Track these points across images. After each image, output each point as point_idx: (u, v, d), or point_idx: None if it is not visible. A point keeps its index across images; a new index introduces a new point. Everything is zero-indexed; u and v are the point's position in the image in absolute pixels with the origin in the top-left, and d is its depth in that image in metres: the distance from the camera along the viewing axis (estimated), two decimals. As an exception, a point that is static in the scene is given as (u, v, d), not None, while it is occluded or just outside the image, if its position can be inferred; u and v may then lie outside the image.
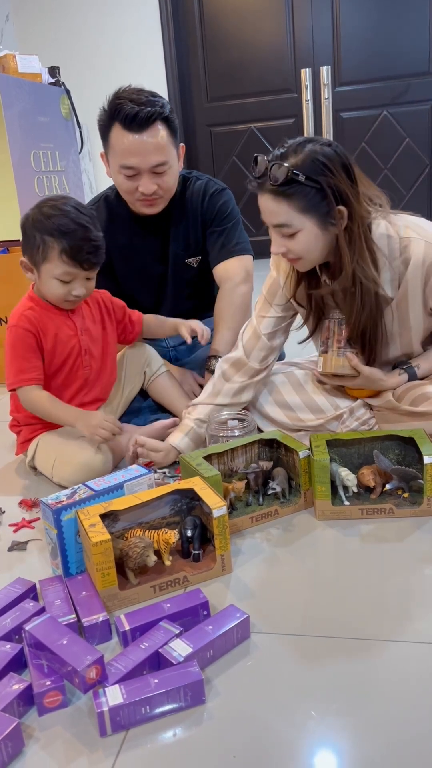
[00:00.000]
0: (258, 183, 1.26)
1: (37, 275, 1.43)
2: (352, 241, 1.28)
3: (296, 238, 1.28)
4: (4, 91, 2.72)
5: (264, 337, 1.51)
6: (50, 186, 3.06)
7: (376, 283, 1.32)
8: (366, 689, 0.85)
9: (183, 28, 4.02)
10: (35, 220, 1.40)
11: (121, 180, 1.64)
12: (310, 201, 1.24)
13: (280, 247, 1.32)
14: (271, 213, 1.27)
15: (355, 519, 1.25)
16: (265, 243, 1.28)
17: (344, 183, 1.24)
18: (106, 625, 0.98)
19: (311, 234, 1.27)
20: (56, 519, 1.09)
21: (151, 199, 1.65)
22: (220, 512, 1.08)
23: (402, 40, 3.78)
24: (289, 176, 1.20)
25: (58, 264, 1.39)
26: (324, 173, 1.22)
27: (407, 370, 1.44)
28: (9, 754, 0.79)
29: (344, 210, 1.25)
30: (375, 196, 1.33)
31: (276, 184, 1.22)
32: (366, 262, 1.30)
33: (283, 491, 1.30)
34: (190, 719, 0.83)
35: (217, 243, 1.78)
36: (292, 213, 1.25)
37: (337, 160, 1.23)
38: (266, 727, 0.81)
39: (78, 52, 3.96)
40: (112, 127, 1.59)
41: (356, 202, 1.26)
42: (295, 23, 3.90)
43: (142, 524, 1.16)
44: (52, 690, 0.86)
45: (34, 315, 1.45)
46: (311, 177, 1.21)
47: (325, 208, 1.25)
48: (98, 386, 1.57)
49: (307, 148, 1.22)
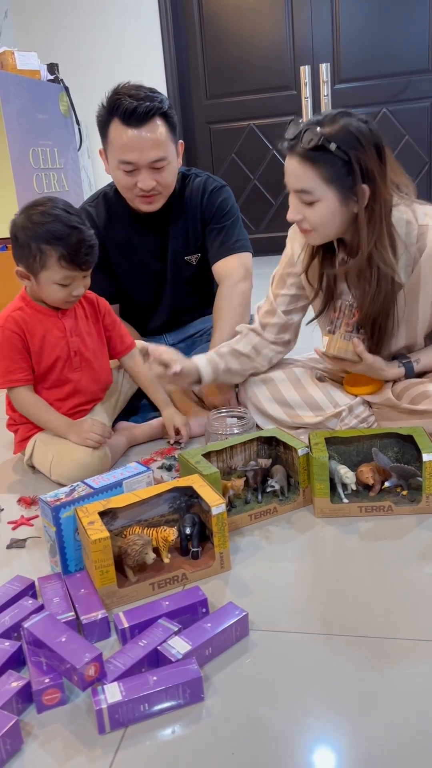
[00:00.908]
0: (289, 145, 1.26)
1: (34, 282, 1.42)
2: (372, 222, 1.27)
3: (314, 207, 1.28)
4: (3, 88, 2.71)
5: (281, 313, 1.53)
6: (49, 183, 3.06)
7: (393, 269, 1.31)
8: (365, 686, 0.85)
9: (182, 25, 4.01)
10: (26, 228, 1.37)
11: (120, 176, 1.64)
12: (336, 172, 1.23)
13: (296, 214, 1.31)
14: (295, 177, 1.27)
15: (353, 516, 1.25)
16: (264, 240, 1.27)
17: (373, 161, 1.24)
18: (104, 623, 0.98)
19: (330, 206, 1.27)
20: (55, 516, 1.09)
21: (150, 195, 1.65)
22: (219, 510, 1.08)
23: (401, 37, 3.77)
24: (320, 142, 1.20)
25: (57, 270, 1.38)
26: (355, 147, 1.22)
27: (405, 365, 1.44)
28: (8, 752, 0.79)
29: (367, 189, 1.25)
30: (403, 184, 1.32)
31: (306, 147, 1.22)
32: (384, 246, 1.29)
33: (281, 489, 1.30)
34: (188, 716, 0.83)
35: (217, 240, 1.78)
36: (317, 180, 1.24)
37: (371, 137, 1.23)
38: (265, 724, 0.81)
39: (77, 49, 3.96)
40: (110, 122, 1.58)
41: (382, 183, 1.26)
42: (295, 20, 3.90)
43: (140, 522, 1.16)
44: (50, 687, 0.86)
45: (21, 316, 1.45)
46: (341, 148, 1.21)
47: (349, 183, 1.24)
48: (92, 387, 1.56)
49: (344, 120, 1.23)
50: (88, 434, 1.42)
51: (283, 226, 1.48)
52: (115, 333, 1.62)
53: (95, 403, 1.59)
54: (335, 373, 1.64)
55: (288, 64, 3.98)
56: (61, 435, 1.45)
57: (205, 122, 4.20)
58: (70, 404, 1.52)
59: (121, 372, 1.69)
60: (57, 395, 1.51)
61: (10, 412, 1.56)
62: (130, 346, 1.65)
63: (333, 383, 1.60)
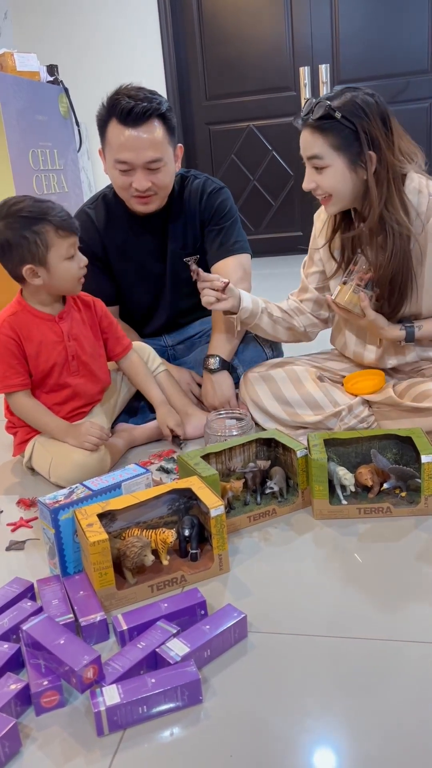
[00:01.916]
0: (303, 119, 1.36)
1: (46, 271, 1.40)
2: (380, 186, 1.36)
3: (325, 173, 1.37)
4: (2, 90, 2.71)
5: (313, 289, 1.61)
6: (49, 184, 3.06)
7: (407, 227, 1.37)
8: (363, 688, 0.85)
9: (181, 26, 4.01)
10: (11, 224, 1.37)
11: (116, 175, 1.64)
12: (344, 140, 1.33)
13: (310, 183, 1.40)
14: (306, 145, 1.37)
15: (352, 518, 1.25)
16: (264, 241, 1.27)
17: (378, 130, 1.33)
18: (103, 625, 0.98)
19: (339, 171, 1.36)
20: (54, 518, 1.09)
21: (145, 196, 1.65)
22: (218, 512, 1.08)
23: (401, 37, 3.77)
24: (326, 112, 1.31)
25: (60, 243, 1.39)
26: (360, 116, 1.32)
27: (407, 328, 1.45)
28: (6, 754, 0.80)
29: (374, 155, 1.33)
30: (411, 152, 1.40)
31: (315, 118, 1.32)
32: (395, 208, 1.37)
33: (280, 490, 1.30)
34: (187, 719, 0.83)
35: (215, 241, 1.78)
36: (326, 147, 1.34)
37: (376, 108, 1.33)
38: (263, 726, 0.81)
39: (76, 51, 3.96)
40: (109, 122, 1.59)
41: (388, 150, 1.34)
42: (294, 21, 3.90)
43: (139, 524, 1.16)
44: (49, 690, 0.86)
45: (16, 321, 1.45)
46: (347, 117, 1.31)
47: (356, 149, 1.33)
48: (90, 390, 1.56)
49: (350, 93, 1.34)
50: (85, 437, 1.43)
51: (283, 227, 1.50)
52: (112, 335, 1.62)
53: (93, 405, 1.59)
54: (336, 372, 1.64)
55: (287, 64, 3.98)
56: (59, 438, 1.46)
57: (205, 123, 4.20)
58: (68, 408, 1.53)
59: (120, 373, 1.70)
60: (55, 399, 1.51)
61: (8, 415, 1.56)
62: (127, 348, 1.65)
63: (333, 383, 1.60)
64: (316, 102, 1.33)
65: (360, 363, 1.60)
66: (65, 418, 1.50)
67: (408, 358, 1.52)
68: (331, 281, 1.57)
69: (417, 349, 1.52)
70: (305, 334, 1.67)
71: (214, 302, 1.53)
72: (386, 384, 1.52)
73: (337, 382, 1.62)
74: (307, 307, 1.64)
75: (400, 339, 1.46)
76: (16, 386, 1.45)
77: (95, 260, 1.74)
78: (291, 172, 4.12)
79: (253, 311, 1.58)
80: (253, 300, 1.59)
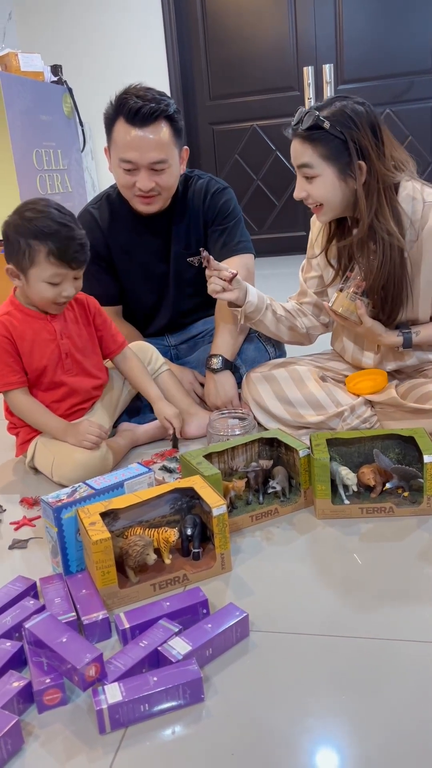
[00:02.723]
0: (293, 128, 1.36)
1: (24, 281, 1.42)
2: (370, 195, 1.35)
3: (315, 183, 1.37)
4: (7, 90, 2.72)
5: (312, 294, 1.61)
6: (52, 184, 3.07)
7: (398, 238, 1.36)
8: (365, 688, 0.85)
9: (185, 26, 4.02)
10: (17, 225, 1.38)
11: (120, 174, 1.64)
12: (333, 150, 1.33)
13: (301, 192, 1.41)
14: (296, 154, 1.38)
15: (355, 518, 1.25)
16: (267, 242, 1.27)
17: (368, 140, 1.32)
18: (105, 624, 0.98)
19: (329, 181, 1.36)
20: (57, 517, 1.09)
21: (149, 196, 1.65)
22: (220, 511, 1.09)
23: (405, 37, 3.77)
24: (315, 122, 1.31)
25: (46, 267, 1.38)
26: (349, 126, 1.31)
27: (404, 334, 1.45)
28: (8, 752, 0.80)
29: (364, 165, 1.33)
30: (403, 161, 1.39)
31: (304, 128, 1.32)
32: (386, 217, 1.36)
33: (283, 490, 1.30)
34: (189, 717, 0.83)
35: (219, 241, 1.78)
36: (315, 157, 1.35)
37: (365, 117, 1.33)
38: (265, 725, 0.81)
39: (80, 51, 3.96)
40: (116, 120, 1.59)
41: (378, 159, 1.34)
42: (298, 21, 3.90)
43: (142, 523, 1.16)
44: (51, 687, 0.86)
45: (9, 320, 1.45)
46: (336, 127, 1.31)
47: (345, 159, 1.33)
48: (86, 387, 1.56)
49: (340, 102, 1.34)
50: (84, 436, 1.43)
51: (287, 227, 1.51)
52: (106, 333, 1.62)
53: (93, 401, 1.59)
54: (338, 372, 1.64)
55: (291, 64, 3.98)
56: (58, 437, 1.46)
57: (209, 123, 4.20)
58: (66, 405, 1.53)
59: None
60: (53, 397, 1.51)
61: (9, 416, 1.56)
62: (122, 345, 1.65)
63: (335, 383, 1.60)
64: (306, 112, 1.33)
65: (359, 367, 1.60)
66: (64, 415, 1.50)
67: (407, 362, 1.52)
68: (329, 288, 1.57)
69: (417, 354, 1.51)
70: (306, 336, 1.67)
71: (220, 291, 1.52)
72: (389, 384, 1.52)
73: (339, 382, 1.62)
74: (307, 310, 1.64)
75: (397, 345, 1.46)
76: (13, 384, 1.45)
77: (99, 260, 1.75)
78: (294, 172, 4.12)
79: (258, 306, 1.58)
80: (259, 296, 1.60)
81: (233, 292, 1.53)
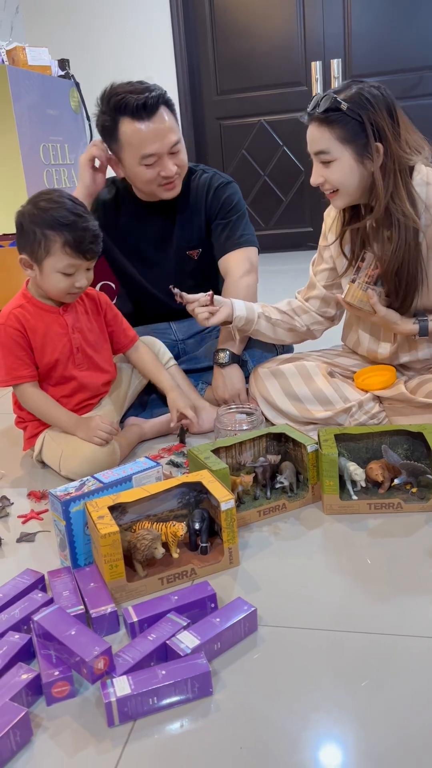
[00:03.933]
0: (309, 113, 1.36)
1: (38, 271, 1.42)
2: (387, 176, 1.35)
3: (332, 167, 1.36)
4: (14, 84, 2.71)
5: (321, 287, 1.59)
6: (59, 179, 3.06)
7: (414, 219, 1.36)
8: (372, 683, 0.85)
9: (193, 20, 4.00)
10: (32, 215, 1.38)
11: (143, 171, 1.65)
12: (350, 131, 1.32)
13: (318, 177, 1.40)
14: (314, 140, 1.37)
15: (363, 514, 1.25)
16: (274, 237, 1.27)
17: (384, 121, 1.32)
18: (114, 617, 0.98)
19: (347, 164, 1.35)
20: (65, 511, 1.10)
21: (172, 180, 1.67)
22: (228, 505, 1.08)
23: (414, 32, 3.74)
24: (332, 104, 1.31)
25: (61, 257, 1.38)
26: (366, 108, 1.31)
27: (421, 322, 1.44)
28: (18, 743, 0.80)
29: (381, 147, 1.33)
30: (418, 144, 1.39)
31: (321, 111, 1.32)
32: (402, 199, 1.36)
33: (290, 485, 1.30)
34: (197, 711, 0.84)
35: (222, 235, 1.78)
36: (333, 140, 1.34)
37: (382, 100, 1.33)
38: (273, 719, 0.81)
39: (88, 45, 3.96)
40: (120, 123, 1.60)
41: (394, 141, 1.34)
42: (306, 15, 3.88)
43: (150, 517, 1.16)
44: (60, 680, 0.86)
45: (21, 313, 1.45)
46: (353, 109, 1.31)
47: (363, 140, 1.33)
48: (96, 382, 1.56)
49: (356, 86, 1.34)
50: (95, 431, 1.43)
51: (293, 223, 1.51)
52: (117, 327, 1.62)
53: (101, 397, 1.59)
54: (347, 368, 1.64)
55: (299, 59, 3.96)
56: (68, 431, 1.46)
57: (216, 118, 4.19)
58: (76, 400, 1.53)
59: (129, 367, 1.70)
60: (62, 392, 1.52)
61: (17, 410, 1.57)
62: (133, 339, 1.65)
63: (343, 378, 1.60)
64: (323, 95, 1.33)
65: (374, 360, 1.59)
66: (73, 410, 1.50)
67: (420, 354, 1.52)
68: (342, 279, 1.56)
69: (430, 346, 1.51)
70: (310, 332, 1.66)
71: (208, 317, 1.54)
72: (397, 380, 1.52)
73: (347, 378, 1.61)
74: (312, 305, 1.62)
75: (413, 333, 1.45)
76: (25, 377, 1.45)
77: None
78: (302, 167, 4.10)
79: (248, 318, 1.58)
80: (248, 306, 1.58)
81: (221, 312, 1.54)
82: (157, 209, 1.76)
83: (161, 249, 1.83)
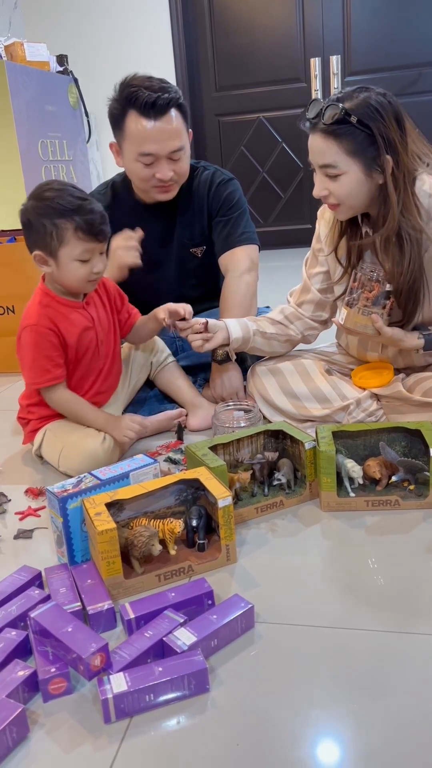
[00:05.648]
0: (311, 123, 1.29)
1: (54, 264, 1.39)
2: (398, 190, 1.30)
3: (340, 181, 1.31)
4: (12, 80, 2.70)
5: (315, 291, 1.55)
6: (57, 175, 3.05)
7: (423, 231, 1.32)
8: (370, 680, 0.85)
9: (192, 16, 3.99)
10: (37, 207, 1.36)
11: (139, 168, 1.64)
12: (359, 144, 1.27)
13: (322, 190, 1.34)
14: (319, 152, 1.30)
15: (360, 510, 1.25)
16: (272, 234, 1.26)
17: (394, 132, 1.27)
18: (111, 614, 0.98)
19: (355, 178, 1.30)
20: (62, 507, 1.09)
21: (167, 185, 1.66)
22: (226, 502, 1.08)
23: (413, 28, 3.74)
24: (341, 116, 1.24)
25: (75, 243, 1.36)
26: (376, 119, 1.25)
27: (425, 336, 1.41)
28: (14, 740, 0.80)
29: (391, 159, 1.28)
30: (424, 154, 1.35)
31: (328, 123, 1.25)
32: (411, 213, 1.32)
33: (288, 482, 1.30)
34: (193, 707, 0.84)
35: (223, 232, 1.78)
36: (341, 154, 1.28)
37: (390, 109, 1.27)
38: (269, 716, 0.81)
39: (86, 41, 3.94)
40: (127, 114, 1.59)
41: (404, 152, 1.29)
42: (305, 12, 3.87)
43: (147, 513, 1.16)
44: (57, 677, 0.86)
45: (52, 312, 1.43)
46: (363, 121, 1.25)
47: (372, 153, 1.27)
48: (112, 375, 1.57)
49: (363, 94, 1.27)
50: (125, 431, 1.43)
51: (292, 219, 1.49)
52: (124, 308, 1.60)
53: (112, 391, 1.60)
54: (344, 365, 1.63)
55: (298, 56, 3.95)
56: (98, 428, 1.45)
57: (214, 114, 4.18)
58: (93, 392, 1.53)
59: (130, 362, 1.69)
60: (83, 386, 1.51)
61: (23, 401, 1.56)
62: (136, 315, 1.62)
63: (341, 376, 1.60)
64: (327, 104, 1.25)
65: (364, 361, 1.59)
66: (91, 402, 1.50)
67: (416, 362, 1.51)
68: (336, 286, 1.52)
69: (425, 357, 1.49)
70: (304, 338, 1.62)
71: (203, 344, 1.50)
72: (395, 378, 1.52)
73: (345, 375, 1.61)
74: (306, 311, 1.58)
75: (418, 348, 1.42)
76: (56, 379, 1.44)
77: None
78: (301, 164, 4.10)
79: (244, 338, 1.54)
80: (242, 326, 1.54)
81: (216, 337, 1.51)
82: (160, 208, 1.76)
83: (164, 247, 1.82)
